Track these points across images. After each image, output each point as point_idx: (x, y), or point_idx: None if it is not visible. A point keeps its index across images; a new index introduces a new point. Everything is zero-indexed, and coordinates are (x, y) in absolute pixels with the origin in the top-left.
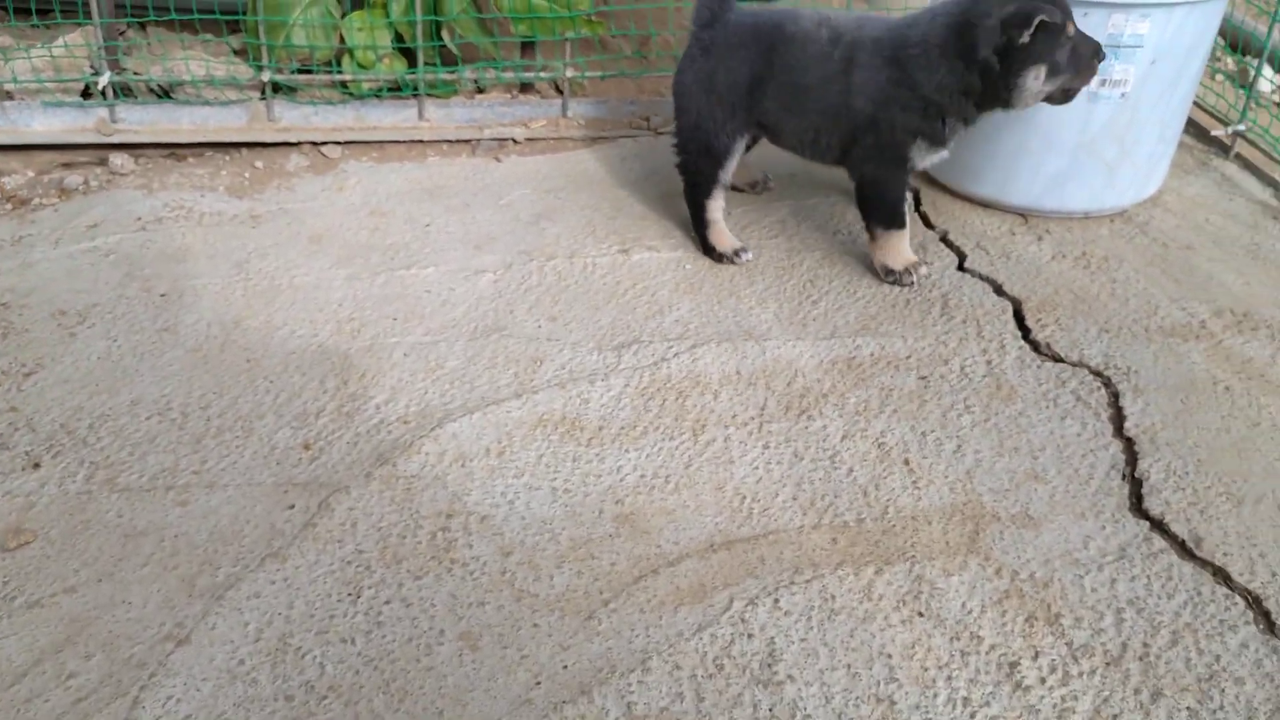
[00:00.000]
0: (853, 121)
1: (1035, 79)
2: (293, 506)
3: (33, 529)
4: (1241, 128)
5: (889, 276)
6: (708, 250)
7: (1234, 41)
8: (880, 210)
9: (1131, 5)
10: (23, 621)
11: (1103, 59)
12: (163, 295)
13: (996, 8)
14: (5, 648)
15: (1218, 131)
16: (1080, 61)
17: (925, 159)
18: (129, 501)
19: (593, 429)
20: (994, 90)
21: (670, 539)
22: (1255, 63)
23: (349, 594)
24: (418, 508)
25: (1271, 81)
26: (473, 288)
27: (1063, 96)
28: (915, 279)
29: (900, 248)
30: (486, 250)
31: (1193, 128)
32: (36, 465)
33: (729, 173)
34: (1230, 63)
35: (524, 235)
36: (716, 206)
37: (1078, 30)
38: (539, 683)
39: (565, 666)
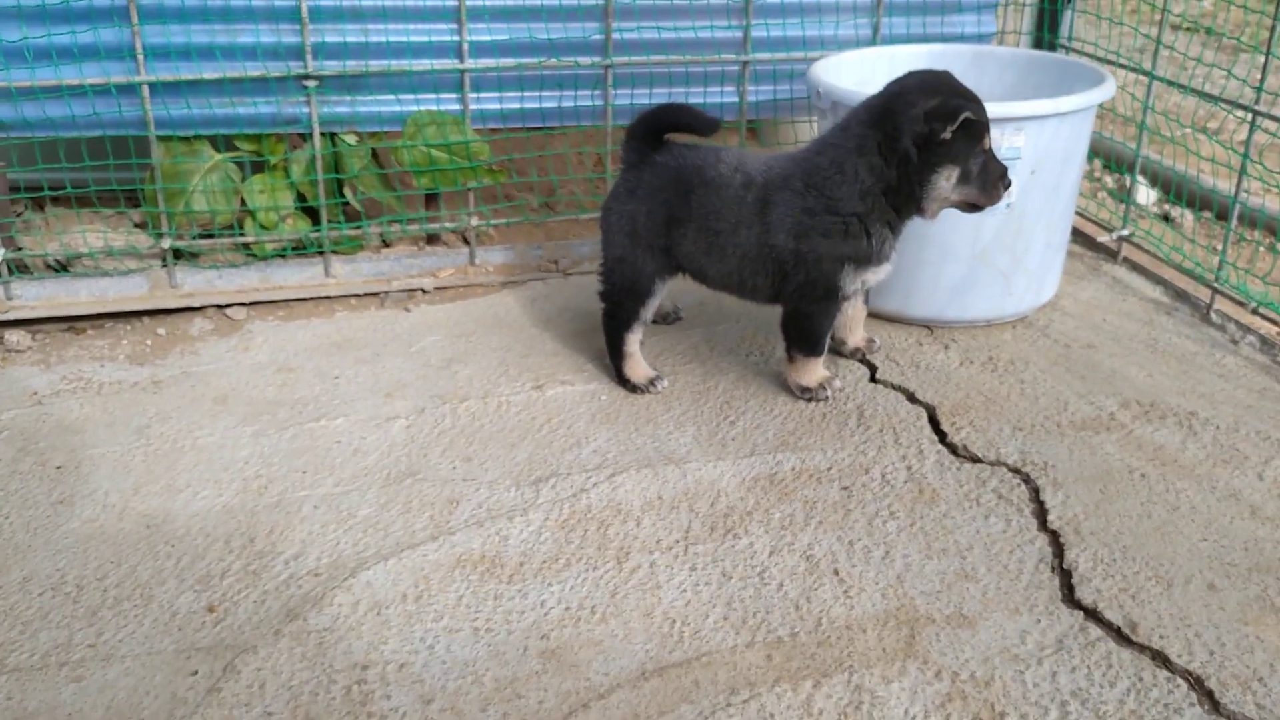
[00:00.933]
0: (778, 260)
1: (947, 180)
2: (196, 673)
3: None
4: (1126, 232)
5: (804, 394)
6: (623, 381)
7: (1109, 158)
8: (806, 340)
9: (1007, 120)
10: None
11: (1009, 186)
12: (58, 468)
13: (922, 99)
14: None
15: (1104, 238)
16: (988, 178)
17: (858, 281)
18: (19, 682)
19: (513, 565)
20: (910, 188)
21: (600, 670)
22: (1130, 175)
23: None
24: (331, 662)
25: (1150, 191)
26: (385, 435)
27: (967, 209)
28: (829, 394)
29: (815, 368)
30: (398, 397)
31: (1081, 237)
32: None
33: (651, 310)
34: (1110, 180)
35: (436, 380)
36: (634, 339)
37: (992, 147)
38: None
39: None
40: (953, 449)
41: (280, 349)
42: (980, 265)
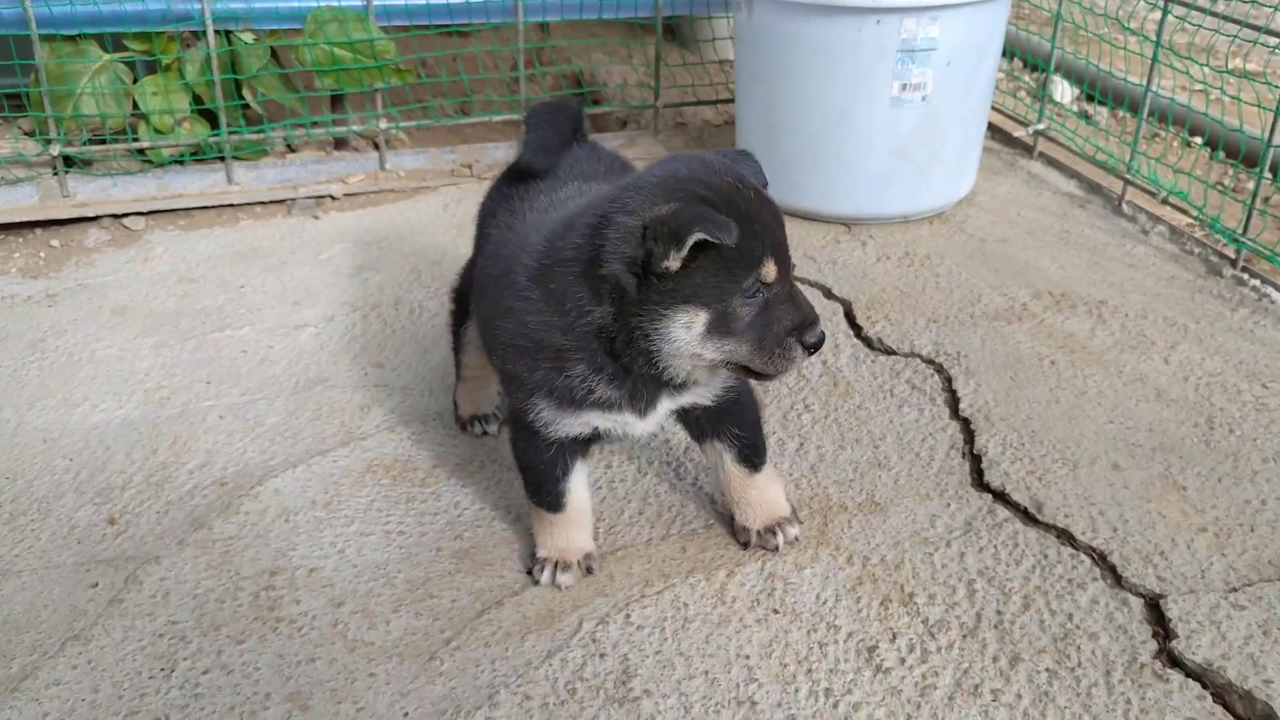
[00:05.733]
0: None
1: (687, 329)
2: (96, 585)
3: None
4: (1042, 126)
5: (535, 567)
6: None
7: (1026, 54)
8: (521, 474)
9: (922, 9)
10: None
11: (816, 348)
12: None
13: (650, 203)
14: None
15: (1020, 133)
16: (768, 333)
17: (575, 427)
18: None
19: (426, 469)
20: (630, 335)
21: (514, 569)
22: (1047, 69)
23: (162, 669)
24: (238, 569)
25: (1068, 88)
26: (293, 343)
27: (746, 374)
28: (559, 583)
29: (544, 528)
30: (306, 305)
31: (999, 134)
32: None
33: None
34: (1029, 78)
35: (346, 287)
36: (472, 360)
37: (789, 281)
38: None
39: (406, 714)
40: (868, 342)
41: (181, 259)
42: (898, 160)
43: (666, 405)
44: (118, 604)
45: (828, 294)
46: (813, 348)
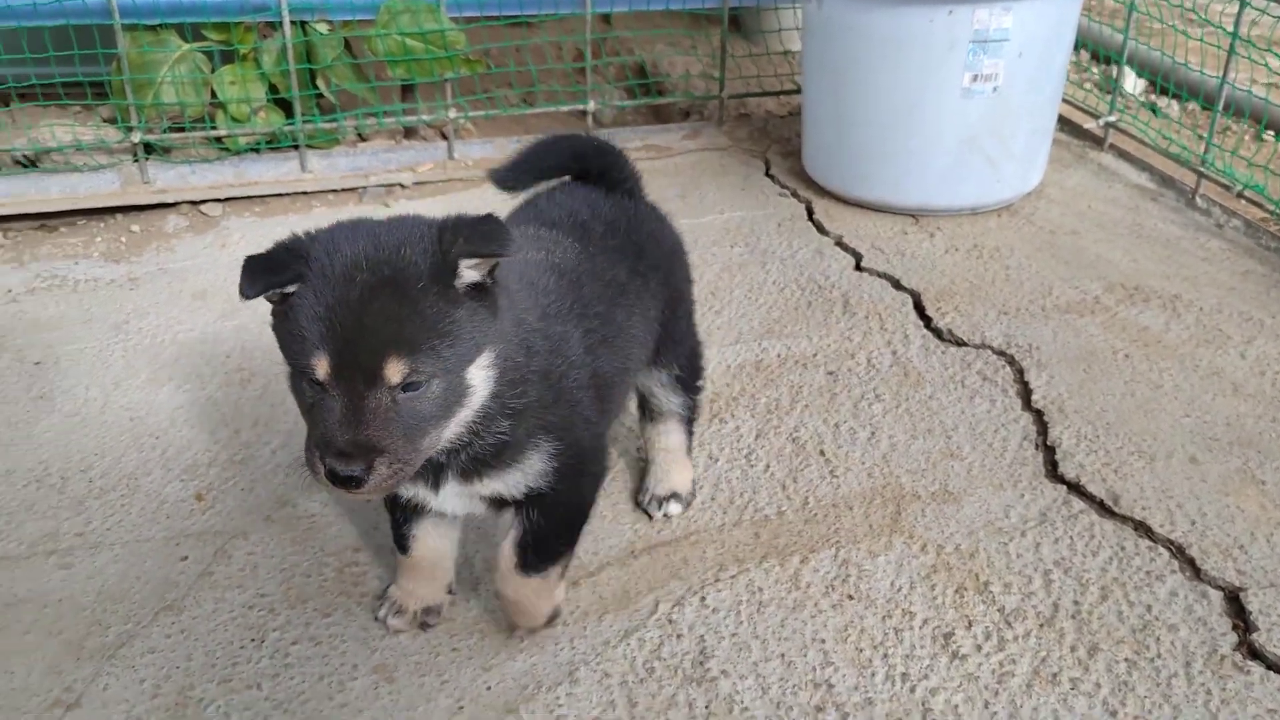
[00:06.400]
0: None
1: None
2: (186, 558)
3: None
4: (1113, 118)
5: (381, 600)
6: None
7: (1097, 45)
8: None
9: (994, 0)
10: None
11: (337, 481)
12: (37, 364)
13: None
14: None
15: (1090, 125)
16: (313, 432)
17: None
18: (6, 571)
19: None
20: None
21: (589, 550)
22: (1119, 60)
23: (252, 639)
24: (322, 545)
25: (1137, 79)
26: None
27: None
28: (389, 625)
29: (400, 573)
30: None
31: (1067, 125)
32: None
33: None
34: (1097, 70)
35: None
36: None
37: (353, 390)
38: (461, 707)
39: (489, 688)
40: (938, 333)
41: (259, 244)
42: (968, 151)
43: (455, 485)
44: (208, 576)
45: (896, 285)
46: (331, 477)
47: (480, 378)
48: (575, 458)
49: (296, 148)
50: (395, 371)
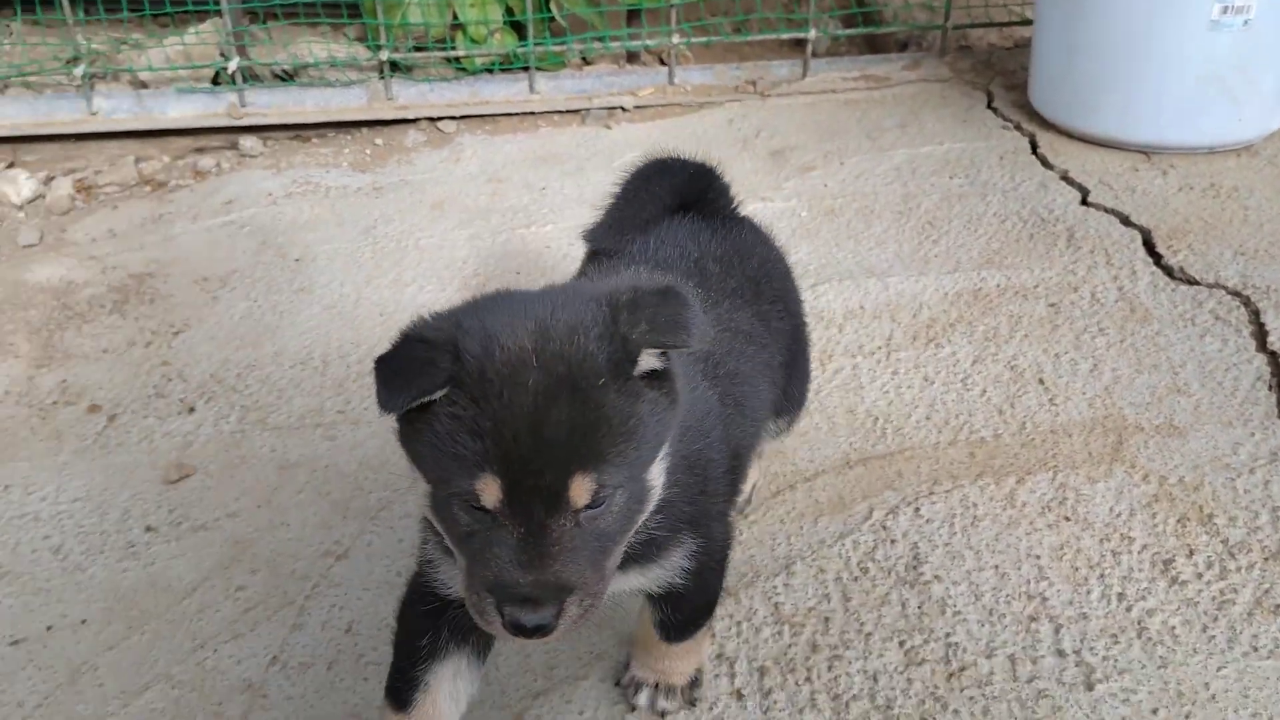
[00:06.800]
0: None
1: (420, 489)
2: None
3: (191, 464)
4: None
5: None
6: None
7: None
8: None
9: None
10: (190, 543)
11: (519, 631)
12: (297, 260)
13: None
14: (175, 567)
15: None
16: (477, 573)
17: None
18: (280, 438)
19: None
20: None
21: (805, 458)
22: None
23: None
24: None
25: None
26: None
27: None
28: None
29: None
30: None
31: None
32: (191, 410)
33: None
34: None
35: None
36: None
37: (534, 520)
38: None
39: None
40: (1168, 271)
41: (489, 161)
42: (1208, 87)
43: None
44: None
45: (1125, 221)
46: (515, 628)
47: (658, 473)
48: (710, 553)
49: (527, 69)
50: (583, 491)
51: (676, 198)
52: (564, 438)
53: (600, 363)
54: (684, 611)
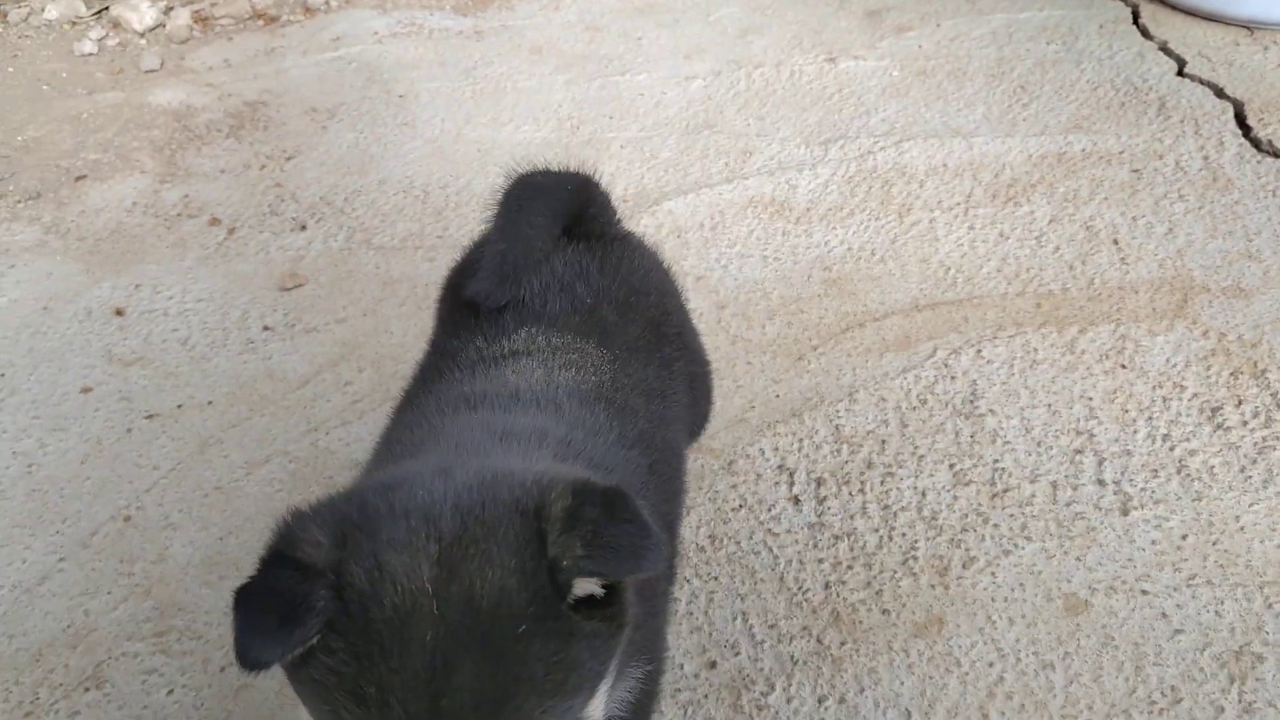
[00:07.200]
0: None
1: None
2: None
3: (304, 275)
4: None
5: None
6: None
7: None
8: None
9: None
10: (303, 342)
11: None
12: (400, 96)
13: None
14: (290, 362)
15: None
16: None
17: None
18: (384, 257)
19: (800, 210)
20: None
21: (876, 300)
22: None
23: None
24: None
25: None
26: (683, 92)
27: None
28: None
29: None
30: (696, 59)
31: None
32: (303, 227)
33: None
34: None
35: (732, 47)
36: None
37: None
38: (754, 407)
39: (777, 396)
40: (1256, 144)
41: (587, 9)
42: None
43: None
44: None
45: (1219, 93)
46: None
47: (599, 705)
48: (654, 677)
49: None
50: None
51: (559, 222)
52: (471, 710)
53: (520, 603)
54: None
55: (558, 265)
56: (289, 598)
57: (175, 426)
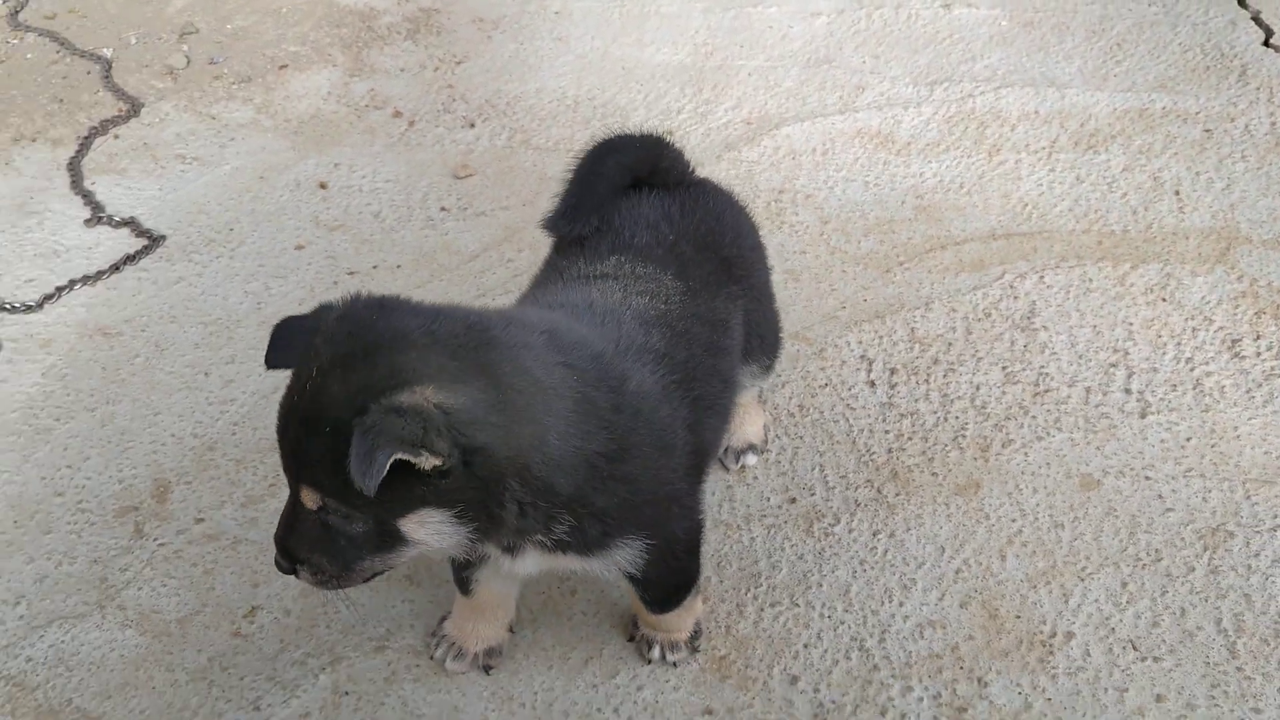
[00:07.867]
0: None
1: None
2: None
3: (474, 167)
4: None
5: (434, 639)
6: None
7: None
8: None
9: None
10: (473, 224)
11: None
12: (556, 14)
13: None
14: (463, 238)
15: None
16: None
17: None
18: (541, 156)
19: (902, 143)
20: None
21: (959, 227)
22: None
23: None
24: (757, 183)
25: None
26: (808, 27)
27: None
28: (449, 668)
29: (459, 613)
30: None
31: None
32: (472, 125)
33: None
34: None
35: None
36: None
37: (294, 492)
38: (844, 307)
39: (865, 300)
40: None
41: None
42: None
43: (536, 556)
44: None
45: None
46: (275, 563)
47: (419, 526)
48: (670, 550)
49: None
50: (310, 499)
51: (629, 175)
52: (300, 449)
53: (343, 416)
54: (656, 593)
55: (643, 205)
56: (294, 330)
57: (372, 284)
